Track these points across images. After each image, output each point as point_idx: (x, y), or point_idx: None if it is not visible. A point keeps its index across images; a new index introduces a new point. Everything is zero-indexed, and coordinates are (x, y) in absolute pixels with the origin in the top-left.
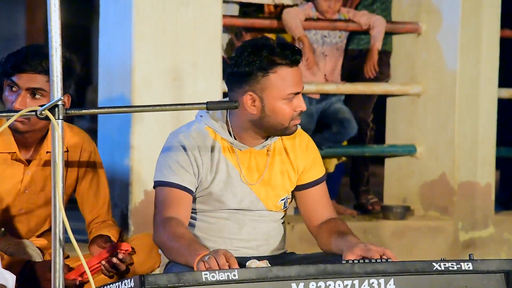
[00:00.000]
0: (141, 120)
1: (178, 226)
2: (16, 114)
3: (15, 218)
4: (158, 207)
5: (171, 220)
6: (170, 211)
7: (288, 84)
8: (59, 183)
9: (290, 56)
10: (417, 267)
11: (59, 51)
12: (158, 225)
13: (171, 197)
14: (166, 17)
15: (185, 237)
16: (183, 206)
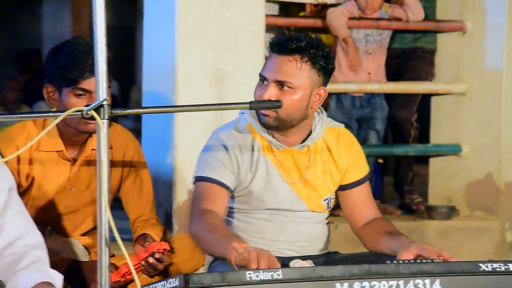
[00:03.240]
0: (184, 120)
1: (214, 218)
2: (62, 114)
3: (62, 216)
4: (195, 201)
5: (208, 212)
6: (207, 204)
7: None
8: (105, 183)
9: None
10: (464, 268)
11: (104, 51)
12: (194, 216)
13: (209, 191)
14: (209, 17)
15: (222, 228)
16: (221, 201)
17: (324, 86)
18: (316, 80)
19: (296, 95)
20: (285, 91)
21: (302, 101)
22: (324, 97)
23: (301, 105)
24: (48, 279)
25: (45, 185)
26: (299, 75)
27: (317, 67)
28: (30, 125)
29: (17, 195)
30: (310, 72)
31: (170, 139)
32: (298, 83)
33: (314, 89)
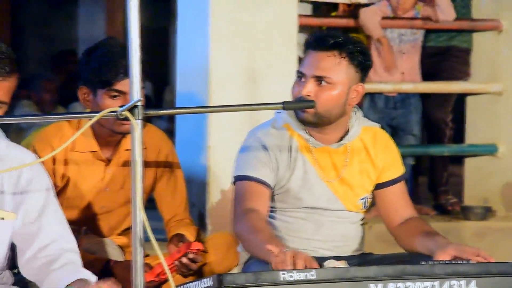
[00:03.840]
0: (217, 120)
1: (258, 220)
2: (97, 115)
3: (97, 216)
4: (238, 200)
5: (252, 212)
6: (250, 203)
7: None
8: (139, 183)
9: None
10: (500, 269)
11: (138, 53)
12: (238, 216)
13: (251, 190)
14: (243, 18)
15: (265, 231)
16: (263, 199)
17: (362, 83)
18: (354, 76)
19: (334, 90)
20: (324, 86)
21: (340, 97)
22: (362, 94)
23: (339, 101)
24: (84, 277)
25: (80, 186)
26: (338, 71)
27: (355, 63)
28: (65, 126)
29: (54, 196)
30: (348, 68)
31: (204, 140)
32: (336, 78)
33: (352, 85)
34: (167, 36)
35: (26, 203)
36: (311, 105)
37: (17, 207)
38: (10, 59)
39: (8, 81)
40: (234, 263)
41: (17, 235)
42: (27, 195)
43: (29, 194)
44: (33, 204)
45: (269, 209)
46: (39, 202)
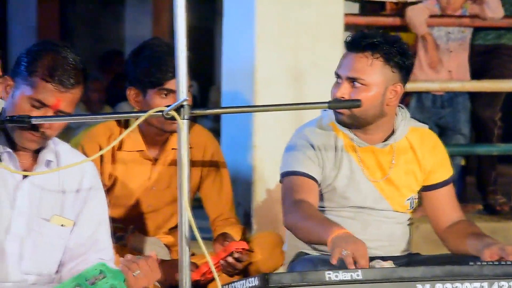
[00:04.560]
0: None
1: (308, 207)
2: (144, 114)
3: (144, 215)
4: (287, 194)
5: (302, 201)
6: (300, 194)
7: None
8: (185, 182)
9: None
10: None
11: (184, 53)
12: (288, 207)
13: (299, 183)
14: (288, 17)
15: (316, 215)
16: (312, 191)
17: (401, 83)
18: (391, 77)
19: (368, 92)
20: (358, 88)
21: (375, 98)
22: (401, 94)
23: (374, 102)
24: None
25: (127, 185)
26: (371, 72)
27: (391, 64)
28: (113, 126)
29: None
30: (384, 69)
31: (249, 139)
32: (370, 79)
33: (389, 85)
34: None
35: (85, 214)
36: (357, 104)
37: (76, 215)
38: (77, 70)
39: (71, 93)
40: (279, 262)
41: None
42: (87, 205)
43: (89, 204)
44: (92, 215)
45: (318, 201)
46: (97, 215)
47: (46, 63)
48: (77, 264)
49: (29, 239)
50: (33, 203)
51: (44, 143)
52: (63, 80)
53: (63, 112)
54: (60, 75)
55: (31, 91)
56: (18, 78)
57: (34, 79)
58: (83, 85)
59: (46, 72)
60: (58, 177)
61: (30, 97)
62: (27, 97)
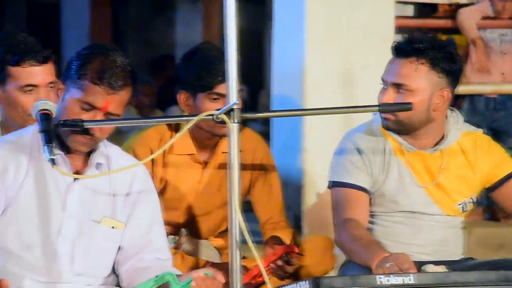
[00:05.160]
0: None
1: (356, 228)
2: (195, 118)
3: (195, 218)
4: (336, 209)
5: (350, 221)
6: (348, 212)
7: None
8: (235, 186)
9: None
10: None
11: (234, 56)
12: (337, 227)
13: (348, 198)
14: (338, 19)
15: (363, 238)
16: (361, 206)
17: (449, 88)
18: (437, 82)
19: (414, 97)
20: (403, 94)
21: (421, 104)
22: (449, 99)
23: (420, 108)
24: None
25: (178, 188)
26: (416, 77)
27: (437, 69)
28: (164, 129)
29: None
30: (429, 74)
31: (299, 142)
32: (415, 85)
33: (436, 91)
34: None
35: (136, 216)
36: (408, 107)
37: (127, 218)
38: (125, 72)
39: (119, 95)
40: (330, 266)
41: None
42: (137, 207)
43: (139, 206)
44: (143, 217)
45: (368, 214)
46: (148, 216)
47: (95, 66)
48: (133, 263)
49: (80, 240)
50: (84, 205)
51: (94, 146)
52: (111, 82)
53: (112, 114)
54: (108, 77)
55: (80, 94)
56: (68, 82)
57: (83, 82)
58: (131, 87)
59: (94, 75)
60: (109, 180)
61: (80, 100)
62: (77, 100)
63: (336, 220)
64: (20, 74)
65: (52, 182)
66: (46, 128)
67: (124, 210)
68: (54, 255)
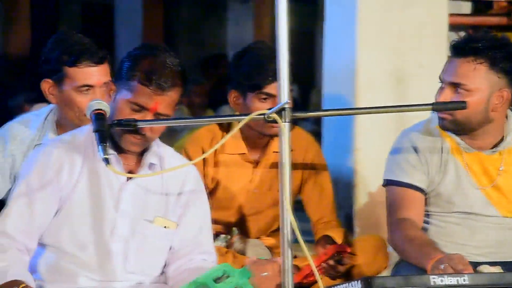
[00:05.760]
0: (364, 122)
1: (410, 228)
2: (246, 117)
3: (246, 217)
4: (390, 208)
5: (404, 221)
6: (402, 212)
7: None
8: (287, 185)
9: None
10: None
11: (286, 56)
12: (391, 226)
13: (403, 197)
14: (391, 18)
15: (417, 239)
16: (416, 206)
17: (509, 88)
18: (496, 82)
19: (472, 97)
20: (460, 93)
21: (479, 104)
22: (508, 99)
23: (478, 108)
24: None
25: (229, 187)
26: (474, 77)
27: (496, 69)
28: (215, 129)
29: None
30: (488, 74)
31: (350, 142)
32: (473, 85)
33: (495, 91)
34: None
35: (187, 217)
36: (462, 106)
37: (179, 218)
38: (174, 72)
39: (168, 95)
40: (383, 265)
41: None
42: (189, 208)
43: (191, 207)
44: (194, 218)
45: (423, 214)
46: (199, 218)
47: (144, 67)
48: (182, 263)
49: (133, 240)
50: (136, 205)
51: (146, 146)
52: (160, 83)
53: (161, 115)
54: (157, 78)
55: (130, 95)
56: (119, 82)
57: (133, 83)
58: (181, 87)
59: (143, 76)
60: (162, 180)
61: (129, 100)
62: (127, 100)
63: (390, 220)
64: (77, 74)
65: (105, 181)
66: (99, 128)
67: (176, 210)
68: (108, 253)
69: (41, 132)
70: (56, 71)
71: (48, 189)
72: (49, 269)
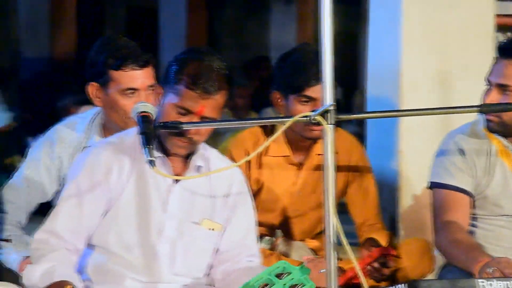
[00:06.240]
0: (409, 124)
1: (456, 231)
2: (290, 120)
3: (290, 219)
4: (436, 211)
5: (450, 224)
6: (448, 215)
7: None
8: (331, 187)
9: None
10: None
11: (330, 57)
12: (437, 229)
13: (449, 200)
14: (436, 19)
15: (463, 242)
16: (462, 209)
17: None
18: None
19: None
20: (508, 95)
21: None
22: None
23: None
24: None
25: (273, 189)
26: None
27: None
28: (259, 131)
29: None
30: None
31: (395, 144)
32: None
33: None
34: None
35: (234, 219)
36: (510, 108)
37: (226, 221)
38: (220, 76)
39: (214, 99)
40: (429, 269)
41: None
42: (236, 210)
43: (238, 210)
44: (241, 221)
45: (469, 217)
46: (246, 221)
47: (190, 71)
48: (230, 266)
49: (180, 241)
50: (184, 207)
51: (193, 149)
52: (206, 87)
53: (207, 118)
54: (203, 82)
55: (176, 99)
56: (166, 86)
57: (179, 87)
58: (227, 90)
59: (189, 80)
60: (208, 182)
61: (176, 104)
62: (173, 104)
63: (436, 222)
64: (122, 78)
65: (153, 183)
66: (145, 130)
67: (222, 212)
68: (155, 255)
69: (87, 134)
70: (101, 74)
71: (97, 190)
72: (97, 270)
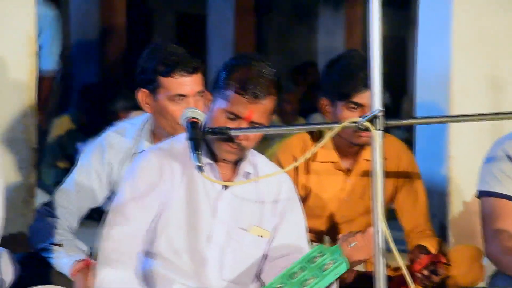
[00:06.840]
0: (459, 130)
1: (508, 240)
2: (338, 125)
3: (338, 225)
4: (486, 219)
5: (501, 232)
6: (498, 223)
7: None
8: (380, 193)
9: None
10: None
11: (379, 63)
12: (487, 238)
13: (498, 208)
14: (487, 23)
15: None
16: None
17: None
18: None
19: None
20: None
21: None
22: None
23: None
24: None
25: (321, 195)
26: None
27: None
28: (306, 137)
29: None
30: None
31: (444, 150)
32: None
33: None
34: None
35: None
36: None
37: (275, 228)
38: (269, 82)
39: (262, 104)
40: (479, 277)
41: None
42: (286, 217)
43: (287, 216)
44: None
45: None
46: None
47: (239, 77)
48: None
49: (228, 247)
50: (233, 213)
51: (242, 155)
52: (255, 92)
53: (256, 123)
54: (252, 88)
55: (226, 104)
56: (216, 92)
57: (229, 92)
58: (275, 96)
59: (238, 85)
60: (257, 188)
61: (225, 109)
62: (222, 110)
63: (486, 231)
64: (171, 84)
65: (202, 189)
66: (194, 136)
67: (271, 219)
68: (204, 261)
69: (136, 140)
70: (151, 81)
71: (151, 194)
72: (147, 275)
